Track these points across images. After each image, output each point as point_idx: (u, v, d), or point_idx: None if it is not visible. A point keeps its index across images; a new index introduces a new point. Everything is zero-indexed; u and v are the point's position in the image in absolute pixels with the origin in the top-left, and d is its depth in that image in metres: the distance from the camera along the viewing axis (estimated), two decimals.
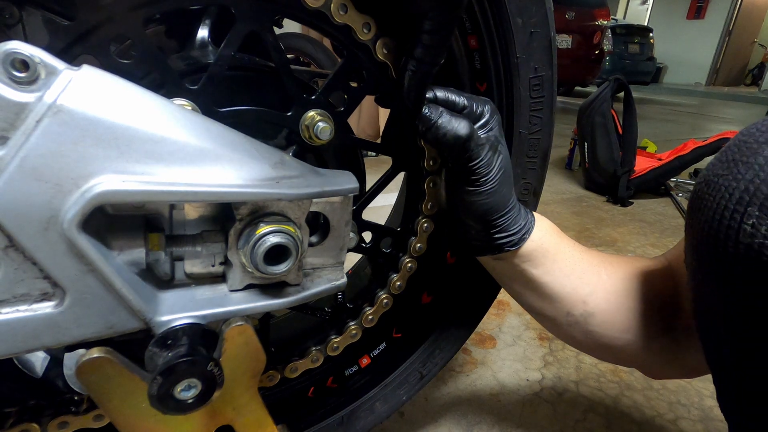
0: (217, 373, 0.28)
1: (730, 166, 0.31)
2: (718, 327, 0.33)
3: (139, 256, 0.29)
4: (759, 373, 0.31)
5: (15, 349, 0.26)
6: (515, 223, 0.45)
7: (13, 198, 0.24)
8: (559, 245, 0.48)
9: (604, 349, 0.50)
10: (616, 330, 0.47)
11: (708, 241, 0.31)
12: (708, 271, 0.32)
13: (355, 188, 0.34)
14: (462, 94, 0.42)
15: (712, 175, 0.32)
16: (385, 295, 0.50)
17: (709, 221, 0.31)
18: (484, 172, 0.41)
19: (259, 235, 0.30)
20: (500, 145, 0.43)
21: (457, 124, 0.39)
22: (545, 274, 0.47)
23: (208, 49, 0.43)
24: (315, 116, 0.38)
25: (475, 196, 0.42)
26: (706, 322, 0.36)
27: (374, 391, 0.59)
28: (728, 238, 0.29)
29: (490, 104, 0.43)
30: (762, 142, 0.30)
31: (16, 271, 0.25)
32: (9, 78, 0.23)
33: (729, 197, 0.30)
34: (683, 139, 2.14)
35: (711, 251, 0.31)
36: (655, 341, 0.47)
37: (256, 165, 0.30)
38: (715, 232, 0.30)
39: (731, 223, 0.29)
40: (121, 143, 0.26)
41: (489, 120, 0.42)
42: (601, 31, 5.44)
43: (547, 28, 0.47)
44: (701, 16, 10.40)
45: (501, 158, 0.42)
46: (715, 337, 0.34)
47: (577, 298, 0.48)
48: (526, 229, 0.46)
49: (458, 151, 0.40)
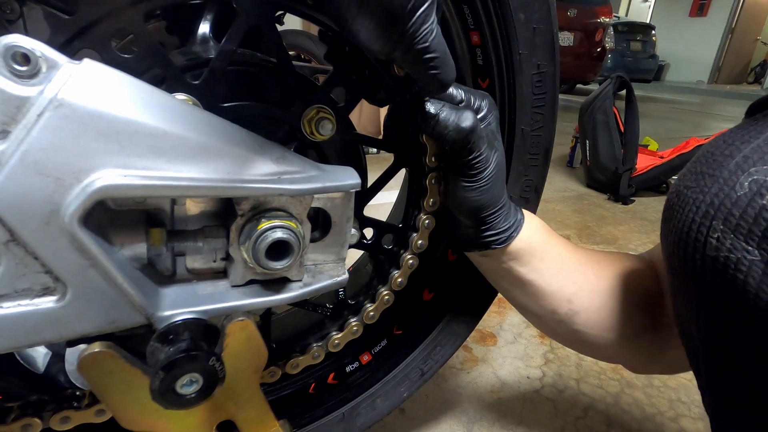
0: (218, 368, 0.28)
1: (698, 179, 0.32)
2: (692, 332, 0.33)
3: (140, 251, 0.29)
4: (730, 379, 0.31)
5: (17, 344, 0.26)
6: (505, 221, 0.45)
7: (15, 192, 0.23)
8: (547, 244, 0.48)
9: (587, 346, 0.51)
10: (600, 329, 0.48)
11: (678, 251, 0.32)
12: (680, 279, 0.33)
13: (357, 184, 0.34)
14: (460, 87, 0.41)
15: (683, 187, 0.33)
16: (387, 291, 0.50)
17: (679, 232, 0.31)
18: (482, 167, 0.41)
19: (260, 230, 0.30)
20: (497, 142, 0.42)
21: (459, 116, 0.39)
22: (531, 272, 0.47)
23: (209, 44, 0.43)
24: (317, 111, 0.38)
25: (469, 192, 0.41)
26: (682, 325, 0.36)
27: (375, 388, 0.59)
28: (696, 251, 0.30)
29: (488, 99, 0.42)
30: (727, 155, 0.30)
31: (18, 266, 0.25)
32: (10, 72, 0.23)
33: (696, 210, 0.30)
34: (685, 137, 2.13)
35: (681, 262, 0.32)
36: (639, 339, 0.48)
37: (257, 160, 0.30)
38: (684, 243, 0.31)
39: (698, 237, 0.30)
40: (123, 137, 0.25)
41: (487, 115, 0.41)
42: (603, 28, 5.42)
43: (549, 23, 0.46)
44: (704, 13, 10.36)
45: (497, 154, 0.42)
46: (691, 340, 0.35)
47: (562, 297, 0.48)
48: (515, 227, 0.45)
49: (460, 144, 0.39)
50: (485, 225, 0.44)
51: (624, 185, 1.84)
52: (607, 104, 1.93)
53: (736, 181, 0.29)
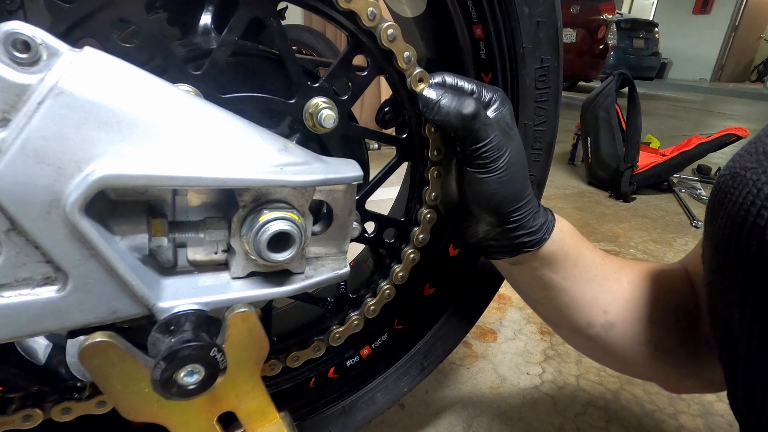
0: (220, 359, 0.28)
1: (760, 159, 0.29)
2: (733, 324, 0.32)
3: (141, 241, 0.29)
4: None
5: (18, 333, 0.26)
6: (534, 220, 0.42)
7: (15, 180, 0.23)
8: (579, 248, 0.45)
9: (624, 362, 0.48)
10: (637, 341, 0.45)
11: (731, 236, 0.29)
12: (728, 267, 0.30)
13: (360, 176, 0.34)
14: (472, 81, 0.40)
15: (739, 168, 0.30)
16: (388, 285, 0.50)
17: (733, 216, 0.29)
18: (494, 156, 0.39)
19: (262, 222, 0.30)
20: (512, 132, 0.41)
21: (461, 102, 0.37)
22: (565, 279, 0.45)
23: (210, 35, 0.43)
24: (319, 104, 0.38)
25: (485, 184, 0.39)
26: (721, 319, 0.34)
27: (375, 382, 0.59)
28: (752, 236, 0.27)
29: (501, 92, 0.41)
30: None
31: (18, 255, 0.25)
32: (10, 59, 0.23)
33: (757, 192, 0.28)
34: (687, 135, 2.13)
35: (733, 247, 0.29)
36: (676, 353, 0.45)
37: (259, 151, 0.30)
38: (739, 228, 0.28)
39: (757, 220, 0.27)
40: (124, 127, 0.25)
41: (499, 107, 0.40)
42: (605, 25, 5.39)
43: (554, 17, 0.46)
44: (707, 10, 10.30)
45: (513, 144, 0.40)
46: (730, 334, 0.33)
47: (598, 308, 0.45)
48: (546, 227, 0.43)
49: (464, 131, 0.38)
50: (512, 223, 0.42)
51: (625, 183, 1.84)
52: (609, 101, 1.92)
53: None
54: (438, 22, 0.48)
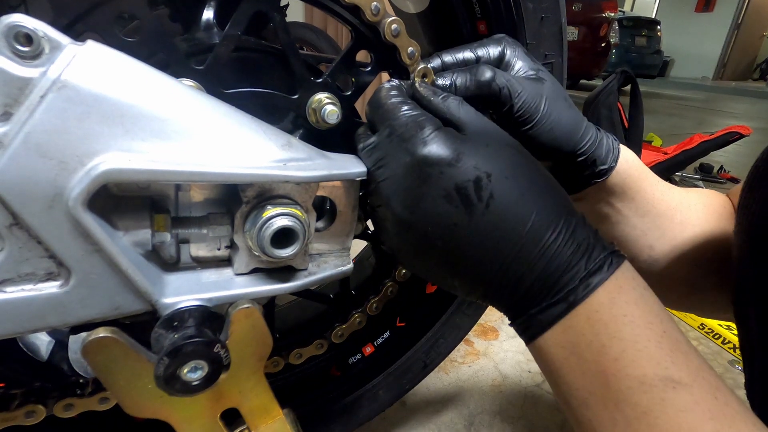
0: (223, 355, 0.28)
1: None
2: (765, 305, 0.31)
3: (144, 237, 0.29)
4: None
5: (20, 329, 0.26)
6: (599, 149, 0.40)
7: (18, 175, 0.23)
8: (641, 182, 0.43)
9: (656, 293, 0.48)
10: (675, 280, 0.45)
11: (764, 221, 0.28)
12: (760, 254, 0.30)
13: (363, 172, 0.34)
14: (469, 46, 0.39)
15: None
16: (391, 283, 0.50)
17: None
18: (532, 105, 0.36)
19: (265, 217, 0.30)
20: (539, 70, 0.38)
21: (476, 72, 0.35)
22: (618, 212, 0.43)
23: (213, 30, 0.43)
24: (322, 99, 0.37)
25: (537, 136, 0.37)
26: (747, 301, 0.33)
27: (377, 380, 0.59)
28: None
29: (504, 40, 0.39)
30: None
31: (21, 250, 0.25)
32: (12, 52, 0.23)
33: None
34: (689, 134, 2.12)
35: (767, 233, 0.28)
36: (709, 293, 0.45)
37: (263, 147, 0.30)
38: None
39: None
40: (127, 121, 0.25)
41: (511, 54, 0.38)
42: (608, 23, 5.37)
43: (558, 13, 0.46)
44: (710, 8, 10.26)
45: (545, 84, 0.37)
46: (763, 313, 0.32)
47: (644, 243, 0.44)
48: (614, 156, 0.41)
49: (490, 97, 0.36)
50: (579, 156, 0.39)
51: None
52: (612, 99, 1.91)
53: None
54: (441, 18, 0.48)
